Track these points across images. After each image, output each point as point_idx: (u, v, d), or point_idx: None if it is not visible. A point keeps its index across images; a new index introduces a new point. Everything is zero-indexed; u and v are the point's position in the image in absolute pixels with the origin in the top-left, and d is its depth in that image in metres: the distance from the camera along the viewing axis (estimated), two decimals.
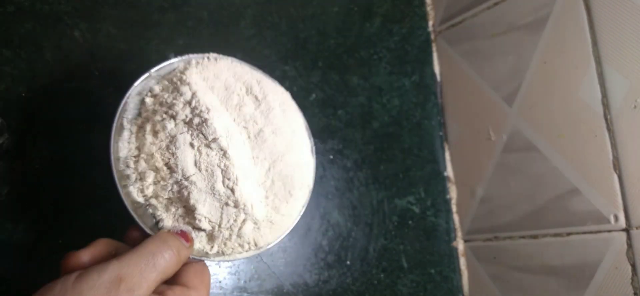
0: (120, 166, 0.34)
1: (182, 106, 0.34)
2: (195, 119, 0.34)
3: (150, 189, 0.34)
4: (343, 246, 0.55)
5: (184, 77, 0.35)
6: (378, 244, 0.57)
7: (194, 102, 0.34)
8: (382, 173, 0.60)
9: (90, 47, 0.45)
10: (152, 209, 0.34)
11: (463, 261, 0.63)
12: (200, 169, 0.33)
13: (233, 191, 0.33)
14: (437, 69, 0.68)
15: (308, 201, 0.40)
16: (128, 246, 0.31)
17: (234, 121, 0.36)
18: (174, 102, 0.34)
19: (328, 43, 0.59)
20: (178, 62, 0.37)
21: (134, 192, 0.33)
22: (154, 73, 0.37)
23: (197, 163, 0.33)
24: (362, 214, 0.57)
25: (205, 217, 0.34)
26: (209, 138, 0.33)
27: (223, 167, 0.34)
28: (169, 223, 0.34)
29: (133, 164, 0.34)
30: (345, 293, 0.54)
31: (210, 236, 0.35)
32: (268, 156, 0.36)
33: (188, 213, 0.34)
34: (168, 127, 0.34)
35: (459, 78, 0.65)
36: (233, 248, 0.36)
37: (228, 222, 0.34)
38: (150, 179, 0.33)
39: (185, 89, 0.34)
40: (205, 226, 0.34)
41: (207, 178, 0.33)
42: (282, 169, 0.37)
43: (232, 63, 0.39)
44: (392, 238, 0.58)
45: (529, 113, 0.56)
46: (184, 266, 0.32)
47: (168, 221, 0.34)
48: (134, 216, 0.33)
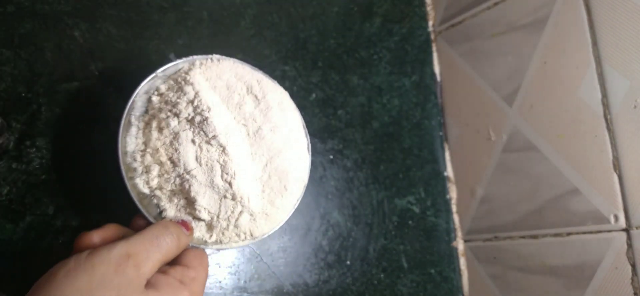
0: (128, 159, 0.36)
1: (185, 104, 0.36)
2: (197, 118, 0.36)
3: (155, 182, 0.36)
4: (343, 246, 0.55)
5: (188, 77, 0.38)
6: (378, 244, 0.57)
7: (196, 101, 0.36)
8: (382, 173, 0.60)
9: (90, 47, 0.45)
10: (156, 200, 0.36)
11: (463, 261, 0.63)
12: (201, 164, 0.36)
13: (231, 184, 0.36)
14: (437, 69, 0.68)
15: (302, 195, 0.42)
16: (134, 231, 0.33)
17: (234, 119, 0.38)
18: (178, 101, 0.37)
19: (328, 43, 0.59)
20: (183, 62, 0.40)
21: (140, 184, 0.36)
22: (160, 73, 0.39)
23: (198, 158, 0.36)
24: (362, 214, 0.57)
25: (205, 208, 0.36)
26: (209, 135, 0.36)
27: (222, 162, 0.36)
28: (172, 213, 0.36)
29: (139, 158, 0.36)
30: (345, 293, 0.54)
31: (209, 226, 0.37)
32: (266, 152, 0.39)
33: (189, 204, 0.36)
34: (172, 124, 0.36)
35: (459, 78, 0.65)
36: (230, 238, 0.38)
37: (226, 213, 0.37)
38: (155, 172, 0.36)
39: (189, 89, 0.37)
40: (205, 216, 0.36)
41: (207, 172, 0.36)
42: (278, 165, 0.39)
43: (234, 64, 0.41)
44: (392, 238, 0.58)
45: (529, 113, 0.56)
46: (185, 250, 0.34)
47: (170, 211, 0.36)
48: (139, 206, 0.36)
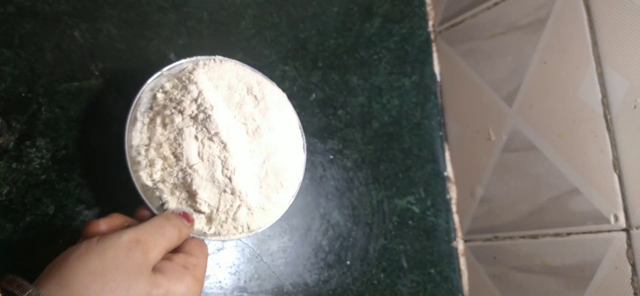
0: (133, 153, 0.38)
1: (189, 102, 0.38)
2: (200, 115, 0.38)
3: (158, 175, 0.38)
4: (343, 246, 0.55)
5: (192, 76, 0.39)
6: (378, 244, 0.57)
7: (200, 99, 0.38)
8: (382, 173, 0.60)
9: (91, 47, 0.45)
10: (159, 192, 0.38)
11: (463, 261, 0.63)
12: (203, 159, 0.38)
13: (231, 179, 0.38)
14: (437, 69, 0.68)
15: (297, 191, 0.43)
16: (138, 221, 0.35)
17: (235, 117, 0.40)
18: (182, 98, 0.38)
19: (328, 43, 0.59)
20: (187, 62, 0.41)
21: (144, 176, 0.38)
22: (166, 72, 0.41)
23: (200, 154, 0.38)
24: (362, 214, 0.57)
25: (205, 201, 0.38)
26: (212, 132, 0.37)
27: (223, 158, 0.38)
28: (173, 205, 0.38)
29: (144, 152, 0.38)
30: (345, 293, 0.54)
31: (209, 218, 0.39)
32: (263, 150, 0.40)
33: (190, 197, 0.38)
34: (176, 120, 0.38)
35: (459, 78, 0.65)
36: (228, 230, 0.40)
37: (225, 207, 0.38)
38: (159, 166, 0.38)
39: (193, 88, 0.38)
40: (205, 209, 0.38)
41: (208, 167, 0.37)
42: (275, 163, 0.41)
43: (235, 65, 0.43)
44: (392, 238, 0.58)
45: (529, 113, 0.56)
46: (187, 240, 0.36)
47: (172, 203, 0.38)
48: (143, 197, 0.37)
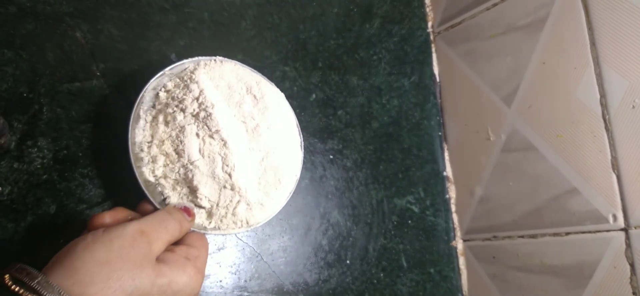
0: (136, 149, 0.39)
1: (190, 101, 0.39)
2: (202, 113, 0.39)
3: (160, 171, 0.39)
4: (343, 245, 0.55)
5: (194, 76, 0.40)
6: (378, 244, 0.57)
7: (201, 98, 0.39)
8: (381, 173, 0.60)
9: (92, 47, 0.45)
10: (161, 188, 0.39)
11: (462, 260, 0.63)
12: (204, 156, 0.39)
13: (230, 176, 0.39)
14: (436, 70, 0.68)
15: (294, 188, 0.45)
16: (140, 215, 0.36)
17: (235, 116, 0.41)
18: (184, 97, 0.39)
19: (328, 44, 0.60)
20: (189, 63, 0.43)
21: (147, 172, 0.39)
22: (168, 71, 0.42)
23: (201, 151, 0.39)
24: (361, 214, 0.57)
25: (206, 197, 0.39)
26: (212, 130, 0.39)
27: (223, 155, 0.39)
28: (175, 200, 0.39)
29: (147, 149, 0.39)
30: (345, 292, 0.54)
31: (209, 213, 0.40)
32: (262, 147, 0.42)
33: (191, 193, 0.39)
34: (178, 118, 0.39)
35: (458, 79, 0.65)
36: (228, 225, 0.41)
37: (225, 202, 0.40)
38: (161, 162, 0.39)
39: (194, 87, 0.40)
40: (205, 204, 0.39)
41: (209, 164, 0.39)
42: (273, 160, 0.42)
43: (235, 66, 0.44)
44: (391, 238, 0.59)
45: (528, 113, 0.56)
46: (188, 233, 0.37)
47: (174, 198, 0.39)
48: (146, 192, 0.38)
